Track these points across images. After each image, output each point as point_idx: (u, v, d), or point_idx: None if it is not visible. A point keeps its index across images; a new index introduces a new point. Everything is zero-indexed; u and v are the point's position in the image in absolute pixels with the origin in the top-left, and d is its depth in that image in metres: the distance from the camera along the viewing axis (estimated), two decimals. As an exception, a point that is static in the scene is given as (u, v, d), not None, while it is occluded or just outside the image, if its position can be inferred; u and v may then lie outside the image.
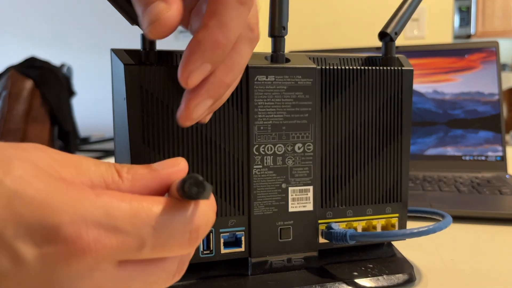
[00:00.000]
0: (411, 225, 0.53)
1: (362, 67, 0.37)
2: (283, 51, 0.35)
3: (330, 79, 0.36)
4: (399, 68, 0.38)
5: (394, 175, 0.38)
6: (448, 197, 0.61)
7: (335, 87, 0.36)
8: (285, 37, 0.35)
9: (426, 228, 0.34)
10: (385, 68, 0.38)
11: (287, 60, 0.35)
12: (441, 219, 0.38)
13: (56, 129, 2.08)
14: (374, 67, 0.37)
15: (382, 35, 0.38)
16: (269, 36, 0.35)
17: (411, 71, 0.38)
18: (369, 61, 0.38)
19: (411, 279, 0.37)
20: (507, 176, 0.72)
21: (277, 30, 0.34)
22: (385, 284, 0.36)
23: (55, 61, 2.35)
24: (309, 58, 0.36)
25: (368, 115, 0.37)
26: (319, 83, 0.36)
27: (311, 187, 0.36)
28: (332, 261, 0.38)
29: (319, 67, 0.36)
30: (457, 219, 0.54)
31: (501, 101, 0.79)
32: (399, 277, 0.37)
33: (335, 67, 0.36)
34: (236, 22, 0.24)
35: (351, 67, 0.37)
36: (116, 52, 0.32)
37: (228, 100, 0.33)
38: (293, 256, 0.36)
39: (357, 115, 0.37)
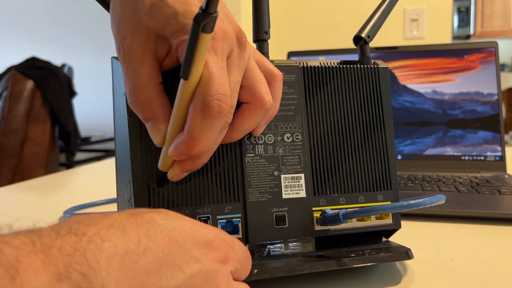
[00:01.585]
0: (408, 224, 0.53)
1: (340, 65, 0.40)
2: (267, 53, 0.39)
3: (311, 76, 0.40)
4: (375, 66, 0.41)
5: (381, 164, 0.40)
6: (447, 197, 0.61)
7: (317, 83, 0.40)
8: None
9: (417, 201, 0.34)
10: (362, 66, 0.41)
11: (271, 61, 0.38)
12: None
13: (57, 129, 2.09)
14: (351, 65, 0.41)
15: (357, 39, 0.41)
16: (253, 42, 0.39)
17: (387, 68, 0.42)
18: (345, 62, 0.41)
19: (409, 256, 0.38)
20: (506, 176, 0.72)
21: (260, 35, 0.39)
22: (384, 258, 0.37)
23: (56, 61, 2.35)
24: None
25: (351, 108, 0.40)
26: (302, 79, 0.39)
27: (302, 175, 0.38)
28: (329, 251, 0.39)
29: (300, 65, 0.39)
30: (457, 219, 0.55)
31: (500, 101, 0.80)
32: (397, 254, 0.38)
33: (315, 65, 0.40)
34: (201, 129, 0.30)
35: (330, 65, 0.40)
36: (116, 58, 0.35)
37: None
38: (290, 243, 0.37)
39: (341, 108, 0.40)
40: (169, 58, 0.32)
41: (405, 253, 0.38)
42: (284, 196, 0.37)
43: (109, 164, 1.09)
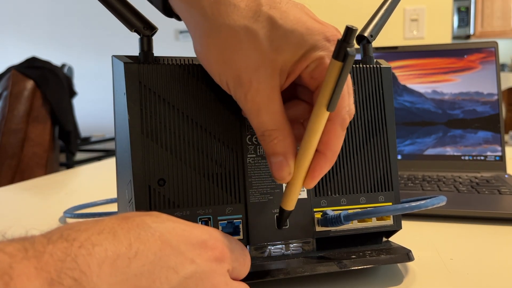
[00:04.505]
0: (408, 224, 0.53)
1: None
2: None
3: None
4: (378, 66, 0.41)
5: (383, 165, 0.40)
6: (447, 197, 0.61)
7: None
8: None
9: (418, 203, 0.34)
10: (364, 66, 0.40)
11: None
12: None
13: (57, 129, 2.09)
14: (354, 65, 0.40)
15: (360, 38, 0.41)
16: None
17: (389, 68, 0.41)
18: None
19: (409, 258, 0.38)
20: (506, 176, 0.72)
21: None
22: (385, 260, 0.37)
23: (56, 61, 2.35)
24: None
25: None
26: None
27: None
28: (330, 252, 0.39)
29: None
30: (457, 219, 0.55)
31: (500, 101, 0.80)
32: (398, 256, 0.38)
33: None
34: (341, 143, 0.32)
35: None
36: (116, 57, 0.35)
37: (221, 94, 0.36)
38: (291, 244, 0.37)
39: None
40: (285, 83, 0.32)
41: (406, 255, 0.38)
42: None
43: (109, 164, 1.09)
